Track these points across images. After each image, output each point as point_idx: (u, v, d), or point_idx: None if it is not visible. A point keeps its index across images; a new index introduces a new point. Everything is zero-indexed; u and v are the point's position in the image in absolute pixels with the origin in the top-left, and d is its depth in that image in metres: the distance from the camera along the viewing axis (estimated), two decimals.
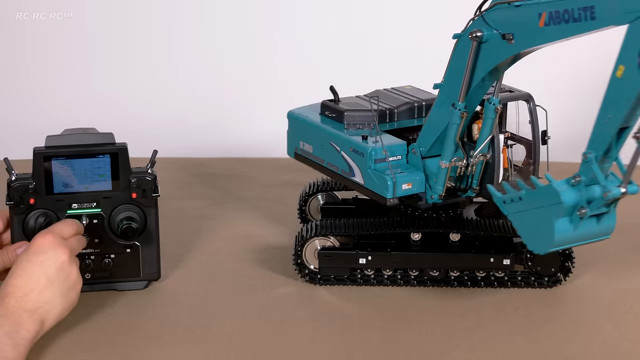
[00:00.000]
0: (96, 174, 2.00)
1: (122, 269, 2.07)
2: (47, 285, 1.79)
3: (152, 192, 2.03)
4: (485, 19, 1.80)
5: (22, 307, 1.76)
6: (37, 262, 1.80)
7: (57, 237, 1.85)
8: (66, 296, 1.83)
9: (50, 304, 1.80)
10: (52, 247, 1.83)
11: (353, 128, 2.12)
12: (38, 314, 1.77)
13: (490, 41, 1.81)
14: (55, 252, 1.82)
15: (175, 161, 2.82)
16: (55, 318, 1.81)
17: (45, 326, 1.79)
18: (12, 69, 3.05)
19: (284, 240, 2.32)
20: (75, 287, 1.85)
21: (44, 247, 1.82)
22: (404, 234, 2.11)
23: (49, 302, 1.79)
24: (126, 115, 3.02)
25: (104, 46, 3.01)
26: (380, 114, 2.11)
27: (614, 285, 2.13)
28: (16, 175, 1.98)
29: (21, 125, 3.04)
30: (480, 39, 1.81)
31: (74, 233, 1.92)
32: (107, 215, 2.03)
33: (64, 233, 1.89)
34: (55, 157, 1.97)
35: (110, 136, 2.00)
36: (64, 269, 1.82)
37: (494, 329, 1.95)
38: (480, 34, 1.81)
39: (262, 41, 3.02)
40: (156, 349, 1.88)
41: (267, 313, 2.01)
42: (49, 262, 1.81)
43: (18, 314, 1.74)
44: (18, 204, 1.97)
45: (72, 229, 1.92)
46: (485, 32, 1.80)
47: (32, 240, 1.85)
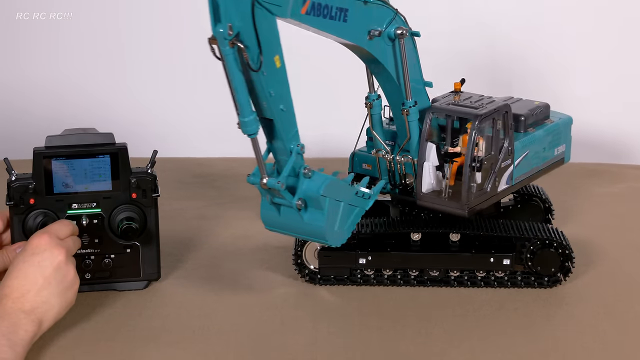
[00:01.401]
0: (96, 174, 2.00)
1: (122, 269, 2.07)
2: (44, 285, 1.79)
3: (152, 192, 2.03)
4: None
5: (19, 308, 1.76)
6: (33, 263, 1.80)
7: (54, 237, 1.85)
8: (63, 296, 1.83)
9: (48, 304, 1.79)
10: (49, 247, 1.82)
11: None
12: (35, 315, 1.77)
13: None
14: (52, 252, 1.82)
15: (175, 161, 2.82)
16: (53, 318, 1.81)
17: (43, 327, 1.79)
18: (12, 69, 3.05)
19: (284, 240, 2.31)
20: (72, 287, 1.85)
21: (40, 247, 1.82)
22: (404, 234, 2.11)
23: (46, 302, 1.79)
24: (126, 115, 3.02)
25: (103, 46, 3.01)
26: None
27: (614, 285, 2.13)
28: (16, 176, 1.98)
29: (21, 125, 3.04)
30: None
31: (69, 234, 1.92)
32: (107, 215, 2.03)
33: (60, 233, 1.89)
34: (55, 157, 1.97)
35: (110, 136, 2.00)
36: (60, 269, 1.82)
37: (494, 329, 1.95)
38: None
39: None
40: (156, 349, 1.88)
41: (267, 313, 2.01)
42: (46, 262, 1.81)
43: (15, 315, 1.74)
44: (18, 204, 1.97)
45: (68, 229, 1.91)
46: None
47: (28, 241, 1.85)
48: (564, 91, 3.03)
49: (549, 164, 2.23)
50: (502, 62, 3.05)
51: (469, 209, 2.00)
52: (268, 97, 1.72)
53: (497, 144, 2.03)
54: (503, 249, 2.09)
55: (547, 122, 2.22)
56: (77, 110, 3.02)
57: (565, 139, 2.25)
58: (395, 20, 1.96)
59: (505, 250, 2.09)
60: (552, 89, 2.93)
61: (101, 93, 3.05)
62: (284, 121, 1.76)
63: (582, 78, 3.06)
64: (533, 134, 2.16)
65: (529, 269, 2.09)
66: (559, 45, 3.04)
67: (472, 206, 2.01)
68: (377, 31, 1.91)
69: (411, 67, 2.01)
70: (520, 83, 3.03)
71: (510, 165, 2.08)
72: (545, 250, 2.08)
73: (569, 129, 2.27)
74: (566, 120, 2.26)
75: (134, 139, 2.15)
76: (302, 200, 1.82)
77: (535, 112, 2.19)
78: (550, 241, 2.08)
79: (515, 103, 2.21)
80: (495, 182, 2.05)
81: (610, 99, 3.06)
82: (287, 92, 1.75)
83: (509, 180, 2.09)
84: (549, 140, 2.19)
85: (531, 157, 2.15)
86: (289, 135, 1.78)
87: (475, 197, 2.01)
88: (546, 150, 2.19)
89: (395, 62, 1.99)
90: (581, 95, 3.03)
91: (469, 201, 2.00)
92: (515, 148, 2.08)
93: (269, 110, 1.74)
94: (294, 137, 1.79)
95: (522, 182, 2.16)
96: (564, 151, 2.26)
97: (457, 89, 2.11)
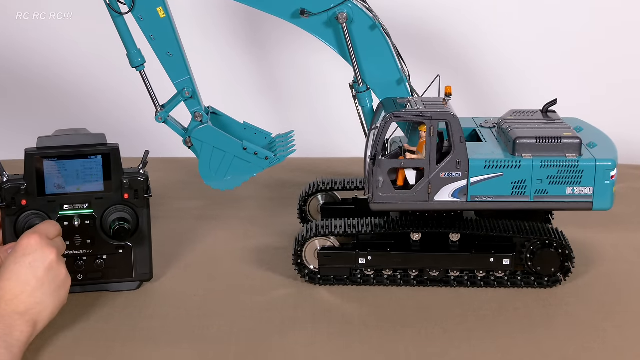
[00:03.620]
0: (88, 174, 1.99)
1: (114, 270, 2.06)
2: (37, 286, 1.79)
3: (144, 193, 2.03)
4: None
5: (13, 310, 1.75)
6: (25, 264, 1.80)
7: (44, 238, 1.84)
8: (56, 295, 1.82)
9: (42, 304, 1.79)
10: (40, 247, 1.82)
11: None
12: (30, 316, 1.77)
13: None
14: (43, 252, 1.82)
15: (175, 161, 2.82)
16: (48, 318, 1.81)
17: (38, 327, 1.78)
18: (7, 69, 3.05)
19: (283, 240, 2.32)
20: (64, 285, 1.85)
21: (30, 248, 1.82)
22: (403, 234, 2.11)
23: (40, 302, 1.79)
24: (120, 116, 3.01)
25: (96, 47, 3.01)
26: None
27: (614, 285, 2.13)
28: (8, 177, 1.97)
29: (13, 125, 3.04)
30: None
31: (57, 234, 1.91)
32: (99, 216, 2.02)
33: (50, 233, 1.88)
34: (47, 158, 1.97)
35: (102, 137, 1.99)
36: (52, 269, 1.82)
37: (494, 329, 1.95)
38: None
39: (261, 41, 3.02)
40: (155, 349, 1.88)
41: (266, 313, 2.01)
42: (38, 263, 1.80)
43: (10, 317, 1.74)
44: (10, 205, 1.96)
45: (55, 229, 1.91)
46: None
47: (18, 242, 1.84)
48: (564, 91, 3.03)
49: (554, 200, 2.03)
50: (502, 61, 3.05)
51: (373, 203, 2.01)
52: (150, 40, 2.08)
53: (430, 151, 1.98)
54: (503, 249, 2.09)
55: (567, 155, 2.01)
56: (69, 111, 3.02)
57: (589, 182, 2.01)
58: (347, 5, 2.04)
59: (505, 250, 2.09)
60: (553, 88, 2.92)
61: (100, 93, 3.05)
62: (170, 65, 2.11)
63: (582, 78, 3.06)
64: (517, 158, 2.00)
65: (529, 269, 2.09)
66: (559, 45, 3.04)
67: (382, 202, 2.00)
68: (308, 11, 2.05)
69: (371, 57, 2.09)
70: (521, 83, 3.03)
71: (459, 179, 2.00)
72: (545, 250, 2.08)
73: (601, 172, 2.01)
74: (594, 162, 2.01)
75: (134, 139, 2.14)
76: (189, 140, 2.16)
77: (545, 140, 2.01)
78: (550, 241, 2.08)
79: (538, 125, 2.09)
80: (428, 189, 2.00)
81: (610, 99, 3.06)
82: (173, 39, 2.10)
83: (458, 195, 2.01)
84: (550, 174, 2.00)
85: (510, 183, 2.00)
86: (178, 79, 2.12)
87: (392, 195, 2.00)
88: (544, 183, 2.00)
89: (340, 45, 2.09)
90: (581, 95, 3.03)
91: (371, 195, 2.00)
92: (475, 165, 1.98)
93: (156, 52, 2.09)
94: (184, 82, 2.13)
95: (494, 204, 2.02)
96: (589, 194, 2.02)
97: (448, 93, 2.08)
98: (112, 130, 2.12)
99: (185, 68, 2.12)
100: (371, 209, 2.04)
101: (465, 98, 2.95)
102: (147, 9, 2.06)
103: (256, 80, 3.07)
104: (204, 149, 2.17)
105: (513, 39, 3.04)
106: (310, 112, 3.11)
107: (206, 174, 2.19)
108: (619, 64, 3.05)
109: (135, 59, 2.12)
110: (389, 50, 2.10)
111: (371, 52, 2.10)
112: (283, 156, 2.21)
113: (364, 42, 2.09)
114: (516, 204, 2.03)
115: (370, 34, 2.08)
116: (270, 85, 3.09)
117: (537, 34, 3.03)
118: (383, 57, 2.11)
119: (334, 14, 2.05)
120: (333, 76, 2.95)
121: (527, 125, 2.09)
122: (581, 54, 3.05)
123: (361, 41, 2.08)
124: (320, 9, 2.05)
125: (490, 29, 3.03)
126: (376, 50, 2.10)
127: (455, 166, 2.00)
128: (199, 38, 2.99)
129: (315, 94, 3.09)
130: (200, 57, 2.89)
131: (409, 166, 2.01)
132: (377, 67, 2.11)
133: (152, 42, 2.09)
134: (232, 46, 3.05)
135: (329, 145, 3.04)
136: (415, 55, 2.70)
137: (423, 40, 2.98)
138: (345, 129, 2.80)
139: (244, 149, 2.17)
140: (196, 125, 2.16)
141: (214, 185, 2.20)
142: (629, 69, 3.05)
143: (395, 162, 2.01)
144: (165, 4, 2.07)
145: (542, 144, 2.02)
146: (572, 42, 3.04)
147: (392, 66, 2.11)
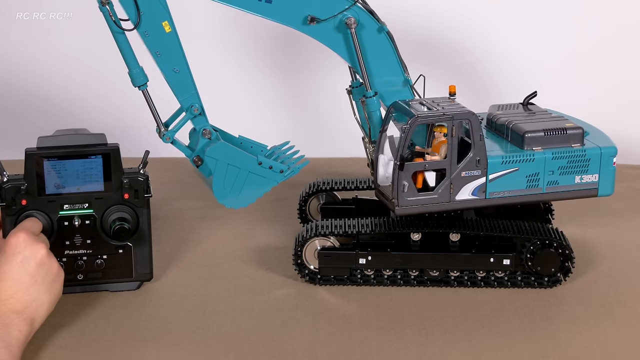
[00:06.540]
0: (88, 174, 1.99)
1: (114, 270, 2.06)
2: (31, 283, 1.79)
3: (144, 193, 2.03)
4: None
5: (9, 310, 1.76)
6: (16, 263, 1.80)
7: (30, 234, 1.84)
8: (51, 290, 1.83)
9: (38, 301, 1.80)
10: (29, 244, 1.82)
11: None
12: (27, 314, 1.77)
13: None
14: (33, 248, 1.82)
15: (175, 161, 2.82)
16: (45, 313, 1.81)
17: (35, 324, 1.79)
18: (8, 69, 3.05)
19: (284, 240, 2.32)
20: (58, 278, 1.85)
21: (19, 246, 1.82)
22: (404, 234, 2.11)
23: (36, 299, 1.79)
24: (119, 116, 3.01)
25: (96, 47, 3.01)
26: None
27: (614, 285, 2.13)
28: (8, 177, 1.97)
29: (13, 125, 3.04)
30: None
31: (40, 229, 1.92)
32: (99, 216, 2.02)
33: (35, 229, 1.89)
34: (47, 158, 1.97)
35: (102, 137, 1.99)
36: (44, 264, 1.82)
37: (494, 329, 1.95)
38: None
39: (261, 41, 3.02)
40: (155, 349, 1.88)
41: (267, 313, 2.01)
42: (28, 260, 1.81)
43: (7, 316, 1.75)
44: (10, 205, 1.97)
45: (38, 225, 1.92)
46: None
47: (6, 241, 1.83)
48: (564, 91, 3.03)
49: (564, 190, 2.07)
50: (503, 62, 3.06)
51: (398, 208, 2.00)
52: (155, 56, 1.98)
53: (452, 151, 1.99)
54: (503, 249, 2.09)
55: (572, 146, 2.07)
56: (69, 111, 3.01)
57: (595, 169, 2.07)
58: (354, 10, 2.02)
59: (505, 250, 2.09)
60: (553, 89, 2.92)
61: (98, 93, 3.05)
62: (176, 81, 2.01)
63: (582, 78, 3.06)
64: (529, 152, 2.04)
65: (529, 269, 2.09)
66: (559, 45, 3.04)
67: (406, 206, 1.99)
68: (318, 18, 2.01)
69: (378, 60, 2.07)
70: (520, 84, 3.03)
71: (478, 177, 2.02)
72: (546, 250, 2.08)
73: (605, 159, 2.08)
74: (599, 150, 2.08)
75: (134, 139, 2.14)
76: (198, 158, 2.04)
77: (553, 132, 2.06)
78: (550, 241, 2.08)
79: (534, 117, 2.13)
80: (449, 189, 2.01)
81: (609, 99, 3.06)
82: (179, 55, 2.00)
83: (477, 193, 2.02)
84: (560, 165, 2.05)
85: (525, 177, 2.04)
86: (184, 96, 2.02)
87: (416, 199, 1.99)
88: (555, 174, 2.05)
89: (349, 51, 2.06)
90: (581, 95, 3.03)
91: (396, 199, 1.99)
92: (493, 162, 2.01)
93: (161, 69, 1.99)
94: (191, 99, 2.02)
95: (510, 199, 2.05)
96: (595, 182, 2.08)
97: (452, 92, 2.10)
98: (112, 130, 2.12)
99: (192, 84, 2.02)
100: (396, 214, 2.02)
101: (462, 98, 2.95)
102: (153, 23, 1.96)
103: (256, 80, 3.07)
104: (218, 166, 2.05)
105: (513, 39, 3.04)
106: (310, 112, 3.11)
107: (220, 192, 2.07)
108: (619, 64, 3.05)
109: (138, 77, 2.00)
110: (393, 52, 2.10)
111: (379, 56, 2.08)
112: (297, 168, 2.13)
113: (372, 46, 2.07)
114: (530, 196, 2.07)
115: (377, 37, 2.07)
116: (271, 85, 3.08)
117: (536, 34, 3.03)
118: (389, 59, 2.09)
119: (342, 20, 2.03)
120: (333, 76, 2.95)
121: (528, 119, 2.11)
122: (581, 54, 3.05)
123: (370, 45, 2.06)
124: (328, 14, 2.02)
125: (490, 29, 3.03)
126: (383, 53, 2.08)
127: (475, 164, 2.01)
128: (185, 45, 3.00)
129: (315, 93, 3.09)
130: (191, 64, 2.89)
131: (430, 168, 2.01)
132: (385, 70, 2.09)
133: (158, 58, 1.98)
134: (230, 53, 3.05)
135: (329, 145, 3.04)
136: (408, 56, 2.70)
137: (417, 41, 2.98)
138: (346, 129, 2.80)
139: (259, 164, 2.08)
140: (206, 142, 2.05)
141: (228, 204, 2.09)
142: (629, 69, 3.05)
143: (418, 166, 2.00)
144: (171, 17, 1.99)
145: (550, 136, 2.06)
146: (572, 42, 3.04)
147: (397, 68, 2.10)
